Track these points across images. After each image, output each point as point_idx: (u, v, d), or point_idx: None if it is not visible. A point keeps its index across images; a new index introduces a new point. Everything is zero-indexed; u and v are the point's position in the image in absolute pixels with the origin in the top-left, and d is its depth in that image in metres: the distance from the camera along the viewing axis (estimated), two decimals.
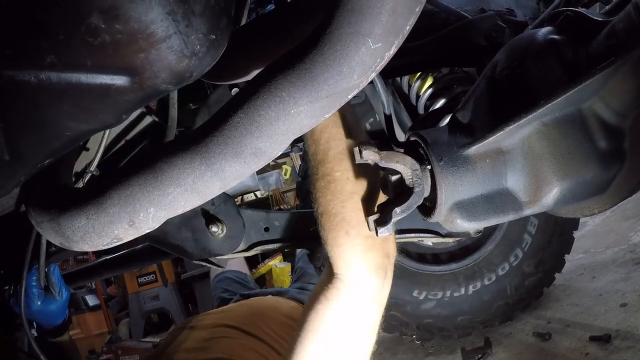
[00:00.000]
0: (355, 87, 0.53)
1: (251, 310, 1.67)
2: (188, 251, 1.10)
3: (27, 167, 0.61)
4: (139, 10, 0.48)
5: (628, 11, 0.69)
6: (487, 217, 0.86)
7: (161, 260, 4.37)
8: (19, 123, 0.57)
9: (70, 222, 0.59)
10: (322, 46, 0.50)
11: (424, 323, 2.27)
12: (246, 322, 1.45)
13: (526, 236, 2.23)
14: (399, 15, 0.48)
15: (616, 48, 0.70)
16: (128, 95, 0.55)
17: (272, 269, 4.53)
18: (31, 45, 0.50)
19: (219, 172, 0.55)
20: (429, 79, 1.40)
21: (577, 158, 0.80)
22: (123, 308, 5.78)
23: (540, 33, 0.83)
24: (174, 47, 0.52)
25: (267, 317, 1.55)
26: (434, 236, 1.10)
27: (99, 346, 4.31)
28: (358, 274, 0.80)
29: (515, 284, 2.25)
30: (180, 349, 1.30)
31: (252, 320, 1.48)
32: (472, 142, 0.83)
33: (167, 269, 5.15)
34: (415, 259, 2.27)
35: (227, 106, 0.56)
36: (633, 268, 2.27)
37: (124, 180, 0.57)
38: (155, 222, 0.58)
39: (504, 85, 0.84)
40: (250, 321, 1.47)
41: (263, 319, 1.51)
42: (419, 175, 0.87)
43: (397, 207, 0.87)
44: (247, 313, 1.61)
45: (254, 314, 1.57)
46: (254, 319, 1.49)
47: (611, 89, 0.74)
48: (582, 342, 1.90)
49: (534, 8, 1.58)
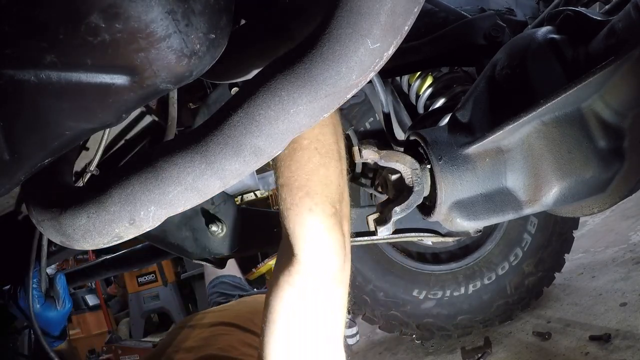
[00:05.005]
0: (354, 86, 0.53)
1: (249, 307, 1.67)
2: (188, 250, 1.10)
3: (27, 167, 0.61)
4: (138, 9, 0.48)
5: (627, 11, 0.69)
6: (487, 216, 0.86)
7: (161, 260, 4.36)
8: (19, 122, 0.57)
9: (71, 220, 0.59)
10: (321, 46, 0.50)
11: (424, 322, 2.27)
12: (244, 319, 1.46)
13: (526, 235, 2.23)
14: (398, 16, 0.48)
15: (616, 47, 0.70)
16: (128, 95, 0.55)
17: (272, 269, 4.52)
18: (31, 45, 0.50)
19: (218, 170, 0.55)
20: (428, 79, 1.40)
21: (576, 157, 0.80)
22: (123, 308, 5.77)
23: (540, 32, 0.84)
24: (174, 46, 0.52)
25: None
26: (434, 235, 1.10)
27: (99, 346, 4.31)
28: (320, 256, 0.75)
29: (515, 284, 2.26)
30: (180, 348, 1.30)
31: (250, 317, 1.48)
32: (472, 141, 0.83)
33: (167, 268, 5.14)
34: (415, 259, 2.27)
35: (227, 105, 0.56)
36: (633, 267, 2.28)
37: (125, 179, 0.57)
38: (156, 220, 0.59)
39: (504, 85, 0.85)
40: (248, 318, 1.47)
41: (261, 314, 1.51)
42: (419, 175, 0.87)
43: (397, 206, 0.88)
44: (245, 310, 1.61)
45: (252, 311, 1.57)
46: (252, 316, 1.49)
47: (611, 88, 0.74)
48: (582, 341, 1.91)
49: (533, 7, 1.58)
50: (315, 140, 0.74)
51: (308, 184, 0.74)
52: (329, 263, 0.76)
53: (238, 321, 1.44)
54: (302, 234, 0.75)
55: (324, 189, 0.74)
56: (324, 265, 0.76)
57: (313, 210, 0.73)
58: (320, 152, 0.75)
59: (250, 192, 5.46)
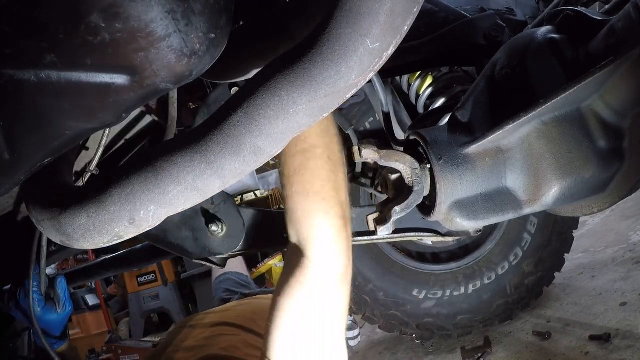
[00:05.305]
0: (354, 86, 0.53)
1: (251, 308, 1.67)
2: (188, 250, 1.10)
3: (27, 166, 0.61)
4: (138, 9, 0.48)
5: (627, 10, 0.69)
6: (487, 215, 0.86)
7: (161, 260, 4.36)
8: (19, 122, 0.57)
9: (71, 220, 0.59)
10: (321, 46, 0.50)
11: (424, 322, 2.27)
12: (246, 320, 1.45)
13: (526, 235, 2.23)
14: (397, 16, 0.48)
15: (616, 47, 0.70)
16: (128, 94, 0.55)
17: (272, 268, 4.53)
18: (31, 45, 0.50)
19: (218, 170, 0.55)
20: (428, 78, 1.40)
21: (576, 157, 0.80)
22: (123, 308, 5.77)
23: (539, 32, 0.84)
24: (174, 46, 0.52)
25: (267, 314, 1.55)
26: (434, 235, 1.10)
27: (99, 346, 4.31)
28: (331, 256, 0.80)
29: (515, 283, 2.26)
30: (180, 348, 1.30)
31: (252, 318, 1.48)
32: (472, 141, 0.83)
33: (167, 268, 5.14)
34: (415, 258, 2.27)
35: (227, 105, 0.56)
36: (633, 267, 2.28)
37: (125, 179, 0.57)
38: (156, 220, 0.59)
39: (504, 84, 0.85)
40: (250, 319, 1.47)
41: (263, 316, 1.51)
42: (419, 174, 0.87)
43: (397, 205, 0.88)
44: (247, 311, 1.61)
45: (254, 312, 1.57)
46: (254, 316, 1.49)
47: (611, 88, 0.74)
48: (581, 341, 1.91)
49: (533, 7, 1.58)
50: (327, 149, 0.79)
51: (323, 190, 0.78)
52: (337, 263, 0.80)
53: (240, 322, 1.44)
54: (317, 236, 0.79)
55: (336, 194, 0.80)
56: (334, 265, 0.80)
57: (329, 213, 0.78)
58: (331, 159, 0.80)
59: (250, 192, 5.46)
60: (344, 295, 0.83)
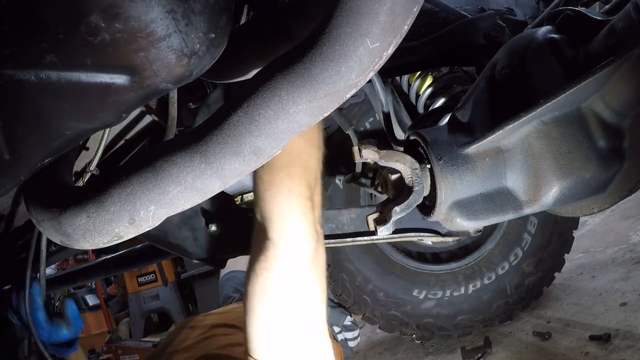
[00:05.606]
0: (354, 86, 0.53)
1: None
2: (188, 250, 1.10)
3: (27, 167, 0.61)
4: (138, 9, 0.48)
5: (627, 10, 0.69)
6: (487, 216, 0.86)
7: (161, 260, 4.37)
8: (19, 122, 0.57)
9: (71, 220, 0.59)
10: (321, 46, 0.50)
11: (424, 322, 2.27)
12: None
13: (526, 235, 2.23)
14: (397, 15, 0.49)
15: (616, 47, 0.70)
16: (128, 94, 0.55)
17: None
18: (31, 45, 0.50)
19: (218, 170, 0.55)
20: (428, 78, 1.40)
21: (576, 157, 0.80)
22: (123, 308, 5.78)
23: (539, 32, 0.84)
24: (174, 45, 0.52)
25: None
26: (434, 235, 1.10)
27: (99, 346, 4.31)
28: (295, 239, 0.76)
29: (515, 283, 2.26)
30: (180, 349, 1.30)
31: None
32: (472, 141, 0.83)
33: (167, 268, 5.14)
34: (415, 258, 2.27)
35: (227, 105, 0.56)
36: (633, 267, 2.27)
37: (124, 179, 0.57)
38: (156, 220, 0.59)
39: (504, 84, 0.85)
40: None
41: None
42: (419, 174, 0.87)
43: (397, 205, 0.88)
44: None
45: None
46: None
47: (611, 88, 0.74)
48: (582, 341, 1.90)
49: (533, 7, 1.58)
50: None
51: (289, 165, 0.75)
52: (303, 247, 0.76)
53: (239, 323, 1.44)
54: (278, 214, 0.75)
55: (304, 173, 0.76)
56: (299, 250, 0.76)
57: (292, 190, 0.74)
58: (304, 137, 0.76)
59: (250, 192, 5.46)
60: (316, 282, 0.79)
